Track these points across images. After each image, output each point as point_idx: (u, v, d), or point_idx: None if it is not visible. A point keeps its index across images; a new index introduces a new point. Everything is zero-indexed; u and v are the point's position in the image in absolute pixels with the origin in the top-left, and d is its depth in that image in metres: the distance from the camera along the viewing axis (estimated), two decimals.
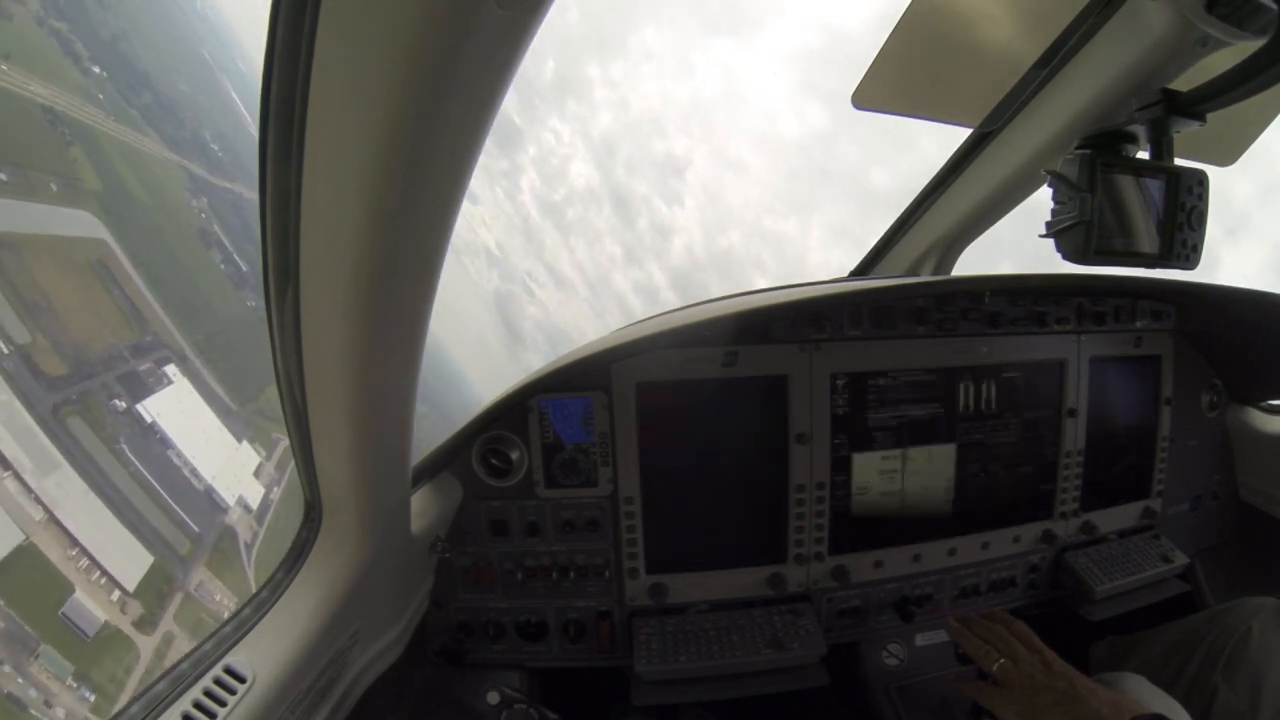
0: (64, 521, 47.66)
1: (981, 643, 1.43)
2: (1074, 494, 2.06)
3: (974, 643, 1.45)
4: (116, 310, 64.78)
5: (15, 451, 46.83)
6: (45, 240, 61.01)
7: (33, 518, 46.14)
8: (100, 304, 63.39)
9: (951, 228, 1.99)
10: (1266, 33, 1.08)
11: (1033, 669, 1.34)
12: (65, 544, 47.29)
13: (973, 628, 1.49)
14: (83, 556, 47.85)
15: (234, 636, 1.09)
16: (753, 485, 1.86)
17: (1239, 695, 1.56)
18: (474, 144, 0.67)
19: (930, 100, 1.68)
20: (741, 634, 1.76)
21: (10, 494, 45.50)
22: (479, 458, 1.73)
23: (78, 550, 47.71)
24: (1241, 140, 1.75)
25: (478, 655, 1.83)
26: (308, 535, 1.27)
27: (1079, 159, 1.19)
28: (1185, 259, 1.27)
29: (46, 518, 46.78)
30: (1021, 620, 1.49)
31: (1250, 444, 2.28)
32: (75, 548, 47.66)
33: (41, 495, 46.83)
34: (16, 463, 46.36)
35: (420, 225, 0.75)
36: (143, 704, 0.97)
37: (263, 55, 0.65)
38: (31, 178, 62.56)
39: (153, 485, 56.97)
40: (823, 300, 1.74)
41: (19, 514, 45.37)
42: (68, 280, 60.64)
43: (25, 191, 61.79)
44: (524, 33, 0.57)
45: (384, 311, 0.84)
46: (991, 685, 1.39)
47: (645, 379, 1.74)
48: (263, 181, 0.76)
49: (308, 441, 1.09)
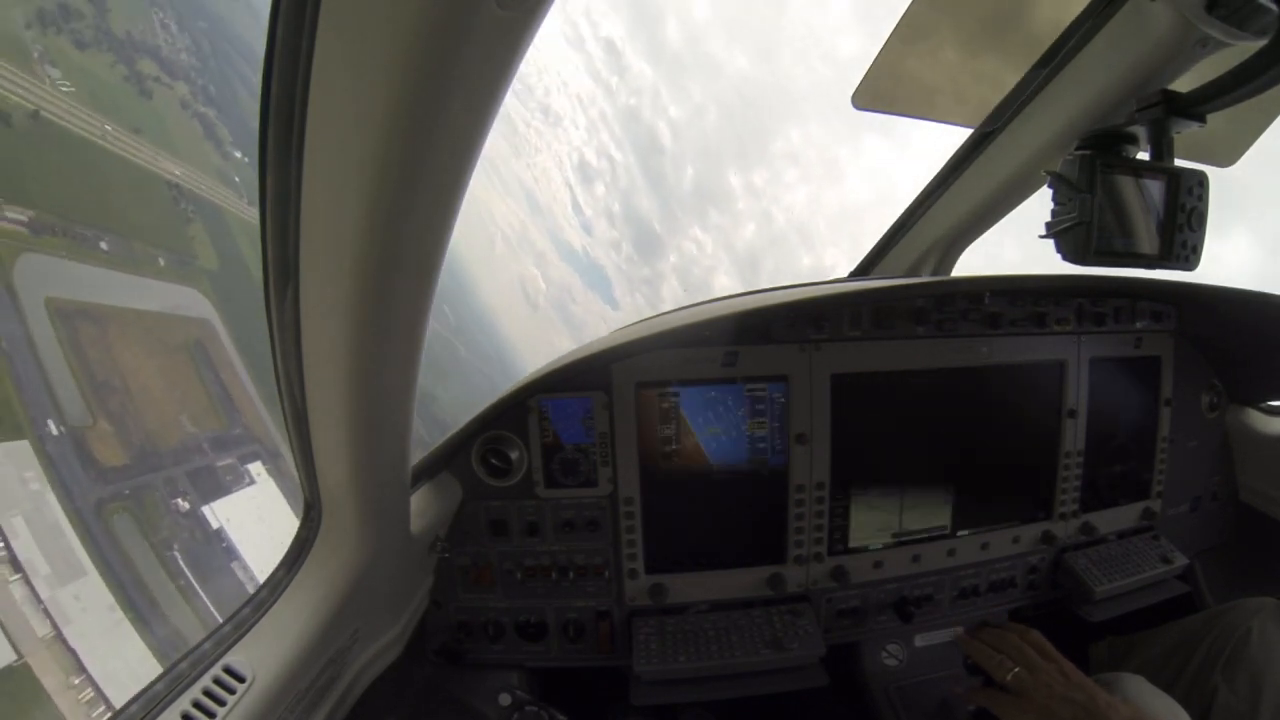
0: (72, 642, 38.32)
1: (994, 652, 1.38)
2: (1074, 495, 2.06)
3: (985, 652, 1.39)
4: (205, 396, 57.69)
5: (31, 553, 38.91)
6: (136, 314, 55.54)
7: (35, 633, 37.34)
8: (188, 388, 56.97)
9: (951, 228, 1.99)
10: (1266, 34, 1.08)
11: (1050, 679, 1.29)
12: (69, 669, 38.11)
13: (984, 637, 1.43)
14: (88, 687, 38.39)
15: (233, 636, 1.09)
16: (752, 485, 1.86)
17: (1239, 695, 1.56)
18: (474, 144, 0.67)
19: (930, 100, 1.68)
20: (741, 634, 1.76)
21: (14, 602, 37.02)
22: (479, 458, 1.73)
23: (83, 678, 38.37)
24: (1241, 141, 1.75)
25: (477, 655, 1.83)
26: (307, 535, 1.27)
27: (1079, 159, 1.19)
28: (1185, 260, 1.27)
29: (52, 635, 37.82)
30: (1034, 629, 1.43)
31: (1250, 445, 2.28)
32: (80, 675, 38.34)
33: (52, 608, 38.25)
34: (29, 566, 38.30)
35: (420, 225, 0.75)
36: (142, 703, 0.97)
37: (262, 55, 0.65)
38: (136, 250, 57.75)
39: (204, 604, 47.05)
40: (823, 300, 1.74)
41: (17, 628, 36.77)
42: (155, 360, 55.01)
43: (126, 263, 56.78)
44: (524, 33, 0.57)
45: (384, 311, 0.84)
46: (1006, 694, 1.33)
47: (645, 379, 1.74)
48: (262, 181, 0.76)
49: (307, 441, 1.09)
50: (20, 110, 53.60)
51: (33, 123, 53.83)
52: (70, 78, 59.08)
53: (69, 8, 60.89)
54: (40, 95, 56.04)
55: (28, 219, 49.80)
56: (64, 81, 57.71)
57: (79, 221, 53.29)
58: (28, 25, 57.41)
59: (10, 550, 37.87)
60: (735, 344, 1.77)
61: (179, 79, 72.54)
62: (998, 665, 1.35)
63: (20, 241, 48.41)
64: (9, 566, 37.42)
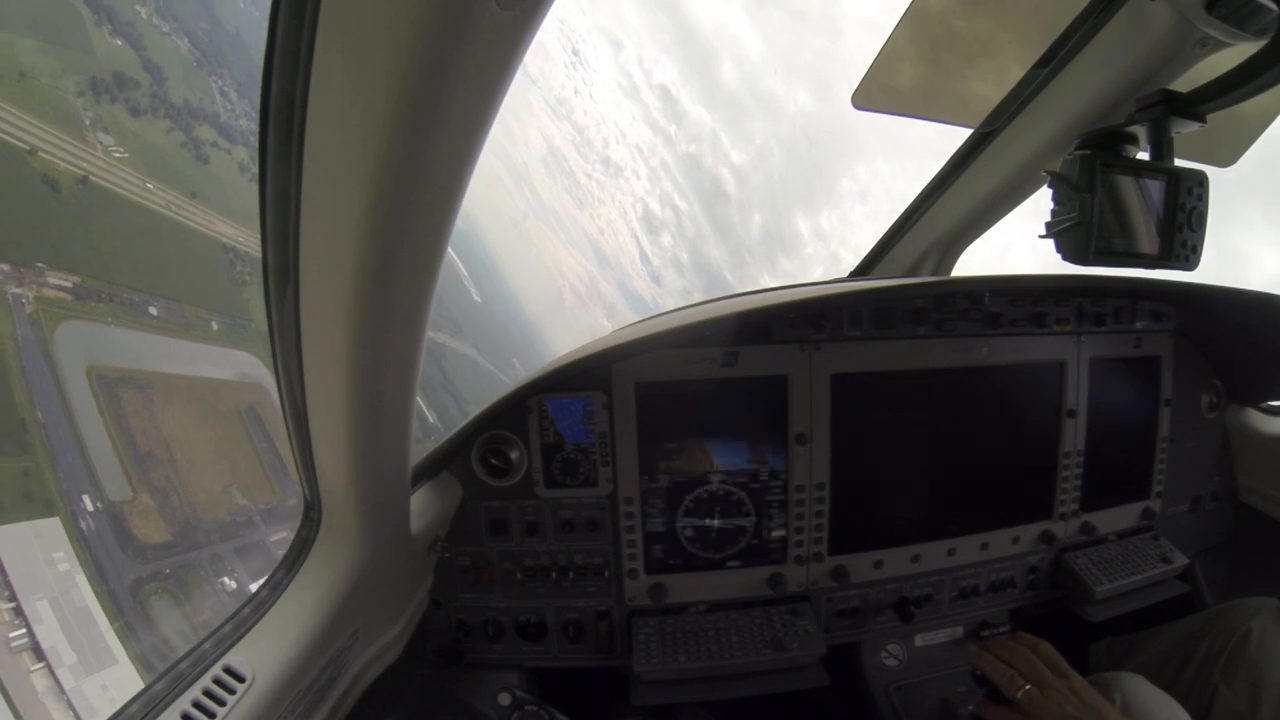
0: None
1: (1004, 666, 1.34)
2: (1073, 495, 2.06)
3: (996, 666, 1.35)
4: (258, 466, 52.70)
5: (56, 639, 34.19)
6: (184, 381, 51.19)
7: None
8: (239, 457, 51.94)
9: (951, 228, 1.99)
10: (1267, 34, 1.08)
11: (1062, 698, 1.25)
12: None
13: (994, 649, 1.39)
14: None
15: (233, 636, 1.09)
16: (752, 486, 1.86)
17: (1238, 695, 1.56)
18: (474, 144, 0.67)
19: (930, 100, 1.68)
20: (741, 634, 1.76)
21: (35, 694, 32.71)
22: (478, 457, 1.73)
23: None
24: (1241, 141, 1.75)
25: (477, 655, 1.83)
26: (307, 535, 1.27)
27: (1079, 159, 1.19)
28: (1185, 260, 1.27)
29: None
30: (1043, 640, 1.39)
31: (1250, 445, 2.28)
32: None
33: (76, 699, 33.48)
34: (53, 654, 33.69)
35: (420, 225, 0.75)
36: (142, 703, 0.97)
37: (262, 55, 0.65)
38: (188, 314, 53.96)
39: None
40: (823, 300, 1.74)
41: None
42: (204, 427, 50.82)
43: (177, 328, 52.76)
44: (524, 33, 0.57)
45: (384, 311, 0.84)
46: (1016, 713, 1.31)
47: (645, 379, 1.74)
48: (262, 181, 0.76)
49: (307, 441, 1.09)
50: (69, 177, 51.11)
51: (81, 189, 51.41)
52: (124, 144, 57.91)
53: (124, 77, 60.26)
54: (91, 162, 54.49)
55: (72, 285, 46.87)
56: (117, 148, 56.55)
57: (128, 286, 50.52)
58: (79, 93, 56.35)
59: (33, 637, 33.46)
60: (735, 344, 1.77)
61: (237, 144, 70.40)
62: (1009, 681, 1.31)
63: (63, 309, 45.49)
64: (31, 655, 33.09)
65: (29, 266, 44.79)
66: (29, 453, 39.74)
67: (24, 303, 43.28)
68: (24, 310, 43.13)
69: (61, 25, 57.85)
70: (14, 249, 45.04)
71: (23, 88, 51.47)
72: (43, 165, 49.81)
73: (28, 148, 49.08)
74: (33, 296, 43.77)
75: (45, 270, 45.63)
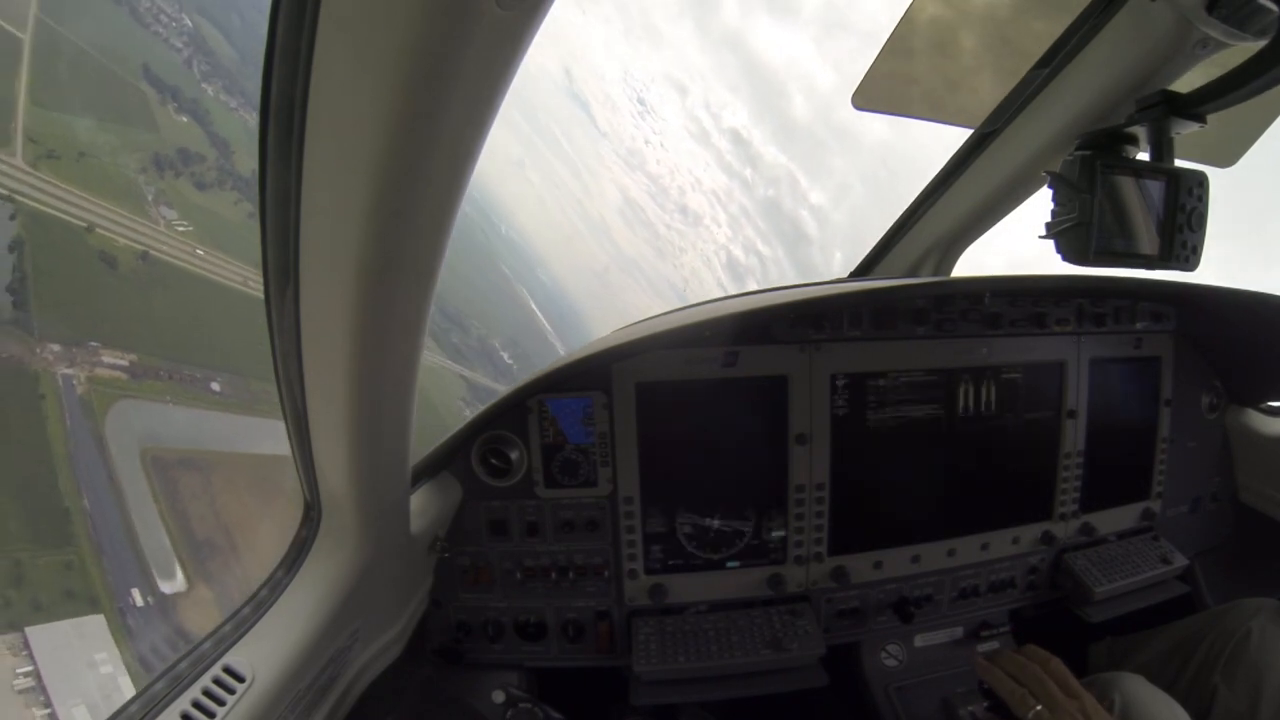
0: None
1: (1015, 685, 1.31)
2: (1073, 495, 2.06)
3: (1006, 684, 1.32)
4: None
5: None
6: (248, 460, 47.42)
7: None
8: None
9: (951, 228, 1.98)
10: (1267, 34, 1.08)
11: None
12: None
13: (1004, 665, 1.36)
14: None
15: (233, 636, 1.09)
16: (752, 486, 1.86)
17: (1238, 696, 1.56)
18: (474, 144, 0.67)
19: (930, 100, 1.68)
20: (740, 634, 1.76)
21: None
22: (478, 457, 1.73)
23: None
24: (1242, 141, 1.75)
25: (477, 655, 1.83)
26: (307, 535, 1.27)
27: (1079, 160, 1.19)
28: (1185, 260, 1.27)
29: None
30: (1054, 655, 1.35)
31: (1250, 445, 2.28)
32: None
33: None
34: None
35: (420, 226, 0.75)
36: (142, 703, 0.97)
37: (263, 55, 0.65)
38: (254, 389, 50.08)
39: None
40: (823, 301, 1.74)
41: None
42: (268, 508, 46.84)
43: (240, 404, 49.35)
44: (524, 33, 0.57)
45: (383, 312, 0.84)
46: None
47: (645, 379, 1.74)
48: (262, 182, 0.76)
49: (307, 441, 1.09)
50: (128, 252, 49.46)
51: (141, 264, 49.75)
52: (189, 217, 56.46)
53: (190, 152, 59.68)
54: (153, 236, 52.66)
55: (128, 363, 43.84)
56: (181, 221, 54.84)
57: (189, 362, 47.55)
58: (142, 169, 55.20)
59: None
60: (735, 344, 1.77)
61: None
62: (1019, 700, 1.28)
63: (117, 388, 42.56)
64: None
65: (81, 346, 42.22)
66: (72, 545, 36.54)
67: (75, 384, 40.56)
68: (74, 392, 40.37)
69: (126, 107, 56.91)
70: (66, 328, 42.40)
71: (81, 166, 50.24)
72: (100, 242, 48.14)
73: (84, 225, 47.41)
74: (84, 377, 41.17)
75: (99, 349, 43.13)
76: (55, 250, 45.65)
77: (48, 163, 47.96)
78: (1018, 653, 1.37)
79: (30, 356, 39.83)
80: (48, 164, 47.84)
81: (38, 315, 41.40)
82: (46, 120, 50.45)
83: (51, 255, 45.04)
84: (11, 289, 41.11)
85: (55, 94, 52.01)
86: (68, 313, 43.29)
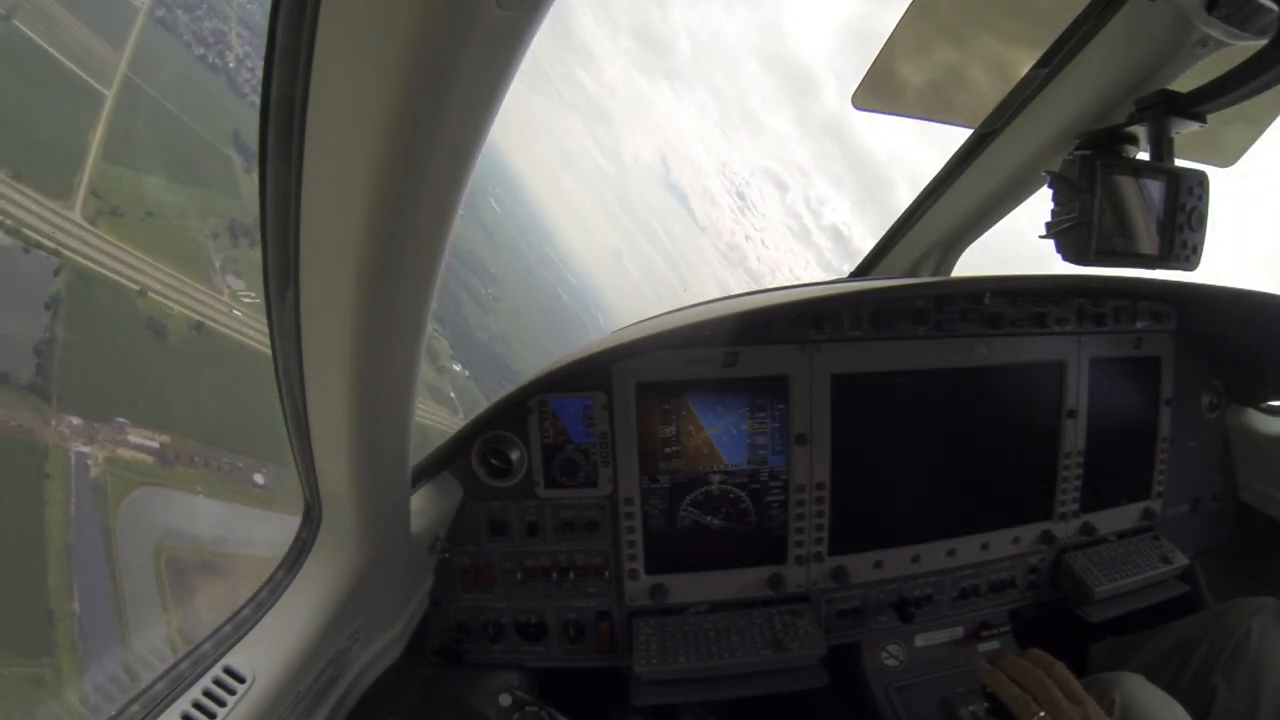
0: None
1: (1018, 690, 1.29)
2: (1074, 495, 2.06)
3: (1010, 689, 1.30)
4: None
5: None
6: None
7: None
8: None
9: (951, 228, 1.99)
10: (1267, 34, 1.08)
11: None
12: None
13: (1007, 669, 1.34)
14: None
15: (234, 636, 1.09)
16: (752, 486, 1.86)
17: (1238, 695, 1.56)
18: (474, 144, 0.67)
19: (930, 100, 1.68)
20: (741, 634, 1.76)
21: None
22: (479, 458, 1.73)
23: None
24: (1242, 141, 1.75)
25: (477, 655, 1.83)
26: (307, 535, 1.27)
27: (1079, 160, 1.19)
28: (1185, 260, 1.27)
29: None
30: (1059, 660, 1.33)
31: (1250, 445, 2.28)
32: None
33: None
34: None
35: (420, 225, 0.75)
36: (142, 703, 0.97)
37: (263, 55, 0.65)
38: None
39: None
40: (823, 301, 1.74)
41: None
42: None
43: (288, 501, 34.45)
44: (524, 33, 0.57)
45: (383, 312, 0.84)
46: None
47: (646, 379, 1.74)
48: (262, 181, 0.76)
49: (307, 441, 1.09)
50: (180, 321, 42.47)
51: (195, 335, 42.89)
52: (257, 288, 52.51)
53: None
54: (212, 306, 45.53)
55: (158, 445, 36.54)
56: (248, 293, 48.30)
57: (231, 449, 39.82)
58: (213, 235, 50.09)
59: None
60: (736, 344, 1.77)
61: None
62: (1023, 706, 1.27)
63: (140, 473, 34.95)
64: None
65: (107, 421, 35.06)
66: (49, 656, 29.61)
67: (90, 464, 33.40)
68: (87, 474, 33.12)
69: (208, 171, 53.10)
70: (92, 400, 34.96)
71: (147, 225, 43.83)
72: (151, 307, 41.59)
73: (137, 288, 41.30)
74: (103, 457, 34.07)
75: (126, 426, 35.84)
76: (97, 312, 38.99)
77: (109, 219, 42.22)
78: (1021, 656, 1.36)
79: (43, 428, 32.93)
80: (109, 220, 42.11)
81: (60, 382, 34.49)
82: (116, 176, 44.69)
83: (91, 317, 38.44)
84: (38, 349, 34.51)
85: (131, 151, 46.58)
86: (97, 382, 36.55)
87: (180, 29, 51.27)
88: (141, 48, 49.44)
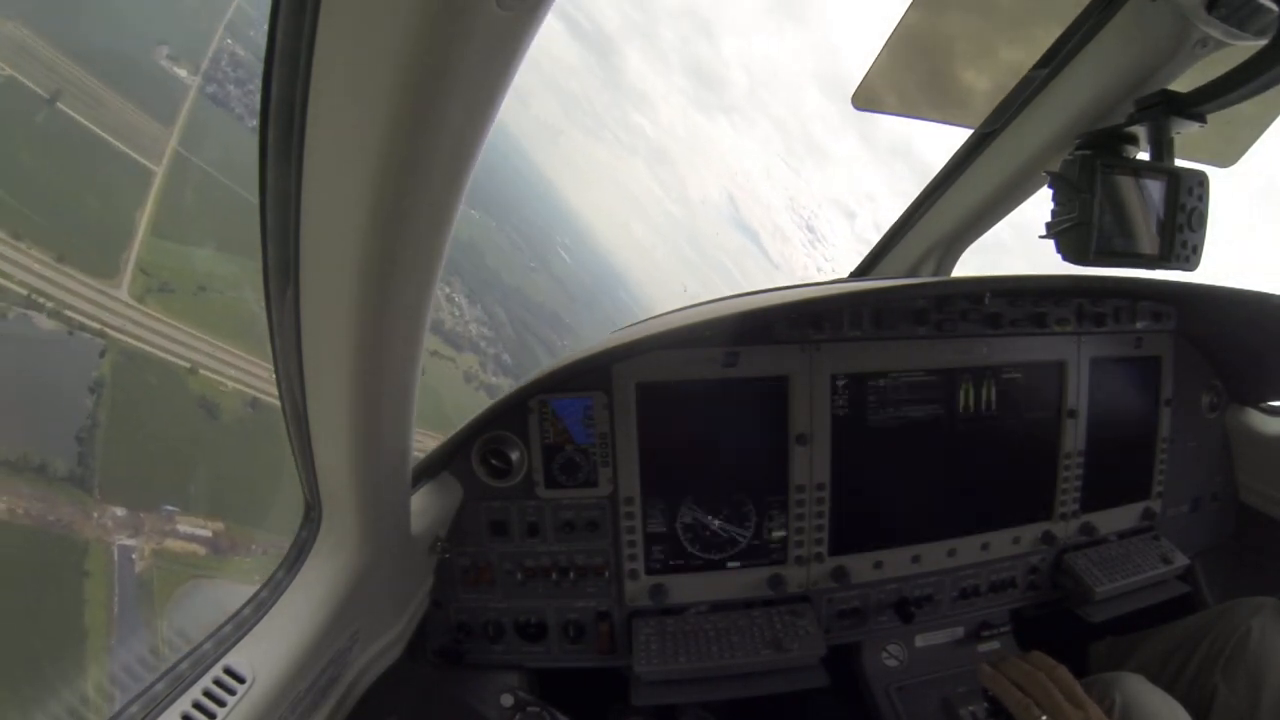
0: None
1: (1020, 694, 1.29)
2: (1074, 495, 2.06)
3: (1012, 693, 1.31)
4: None
5: None
6: None
7: None
8: None
9: (951, 228, 1.99)
10: (1267, 34, 1.08)
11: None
12: None
13: (1009, 672, 1.34)
14: None
15: (234, 636, 1.09)
16: (753, 486, 1.86)
17: (1238, 695, 1.56)
18: (474, 144, 0.67)
19: (930, 100, 1.68)
20: (741, 635, 1.76)
21: None
22: (479, 458, 1.73)
23: None
24: (1242, 141, 1.75)
25: (477, 656, 1.83)
26: (307, 535, 1.27)
27: (1079, 160, 1.19)
28: (1185, 260, 1.27)
29: None
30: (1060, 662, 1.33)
31: (1250, 445, 2.28)
32: None
33: None
34: None
35: (420, 225, 0.75)
36: (142, 704, 0.97)
37: (263, 55, 0.65)
38: None
39: None
40: (823, 301, 1.74)
41: None
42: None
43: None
44: (524, 33, 0.57)
45: (383, 311, 0.84)
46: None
47: (646, 379, 1.74)
48: (262, 181, 0.76)
49: (307, 441, 1.09)
50: (235, 399, 39.15)
51: (250, 412, 39.20)
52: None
53: None
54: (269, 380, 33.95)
55: (211, 533, 33.35)
56: None
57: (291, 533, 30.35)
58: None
59: None
60: (736, 344, 1.77)
61: (465, 351, 59.12)
62: (1024, 710, 1.27)
63: (190, 565, 32.06)
64: None
65: (153, 510, 32.04)
66: None
67: (134, 558, 30.48)
68: (131, 569, 30.30)
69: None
70: (138, 488, 32.11)
71: (199, 301, 40.52)
72: (203, 386, 38.54)
73: (187, 366, 38.36)
74: (149, 550, 31.17)
75: (176, 515, 32.84)
76: (144, 394, 36.30)
77: (158, 296, 38.69)
78: (1022, 659, 1.36)
79: (83, 521, 30.05)
80: (157, 297, 38.52)
81: (103, 470, 31.60)
82: (165, 251, 41.39)
83: (138, 399, 35.72)
84: (79, 437, 31.59)
85: (180, 225, 43.11)
86: (143, 469, 33.71)
87: (232, 103, 48.71)
88: (192, 124, 46.72)
